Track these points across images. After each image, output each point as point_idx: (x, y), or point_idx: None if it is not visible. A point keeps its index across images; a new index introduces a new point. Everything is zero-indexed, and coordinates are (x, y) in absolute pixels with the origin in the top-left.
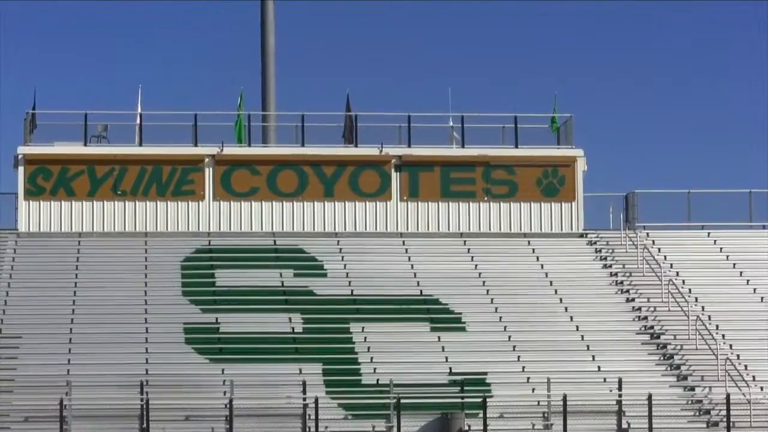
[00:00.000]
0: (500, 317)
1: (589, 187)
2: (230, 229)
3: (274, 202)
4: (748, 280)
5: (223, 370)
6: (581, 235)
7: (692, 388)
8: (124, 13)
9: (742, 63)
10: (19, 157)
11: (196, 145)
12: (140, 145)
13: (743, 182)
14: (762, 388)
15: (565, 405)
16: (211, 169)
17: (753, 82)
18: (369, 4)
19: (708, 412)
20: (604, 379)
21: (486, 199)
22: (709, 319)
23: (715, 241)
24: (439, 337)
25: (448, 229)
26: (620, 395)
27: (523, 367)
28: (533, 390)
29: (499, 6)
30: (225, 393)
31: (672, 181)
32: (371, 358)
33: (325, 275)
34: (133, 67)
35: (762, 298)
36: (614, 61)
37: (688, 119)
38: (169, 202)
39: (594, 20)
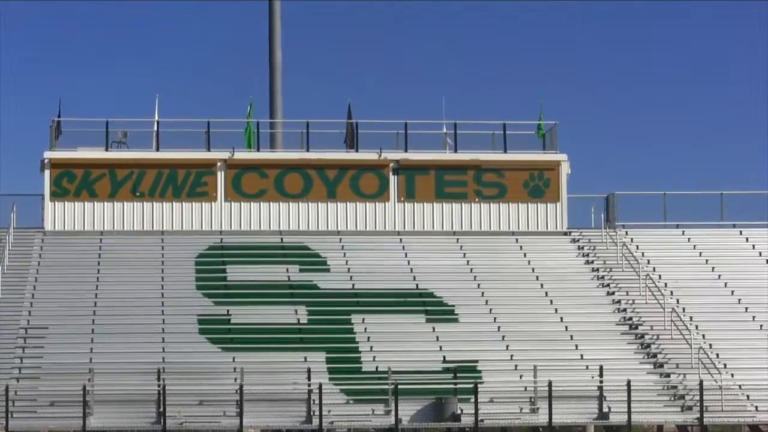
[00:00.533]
0: (490, 309)
1: (573, 188)
2: (240, 227)
3: (281, 203)
4: (719, 275)
5: (234, 358)
6: (565, 234)
7: (668, 375)
8: (141, 28)
9: (714, 73)
10: (45, 161)
11: (209, 150)
12: (157, 150)
13: (715, 184)
14: (732, 375)
15: (550, 390)
16: (222, 172)
17: (724, 92)
18: (369, 20)
19: (682, 397)
20: (587, 366)
21: (477, 200)
22: (684, 311)
23: (689, 239)
24: (433, 328)
25: (442, 228)
26: (601, 382)
27: (512, 356)
28: (521, 377)
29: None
30: (236, 379)
31: (649, 184)
32: (371, 347)
33: (328, 270)
34: (150, 78)
35: (732, 291)
36: (597, 71)
37: (666, 126)
38: (183, 203)
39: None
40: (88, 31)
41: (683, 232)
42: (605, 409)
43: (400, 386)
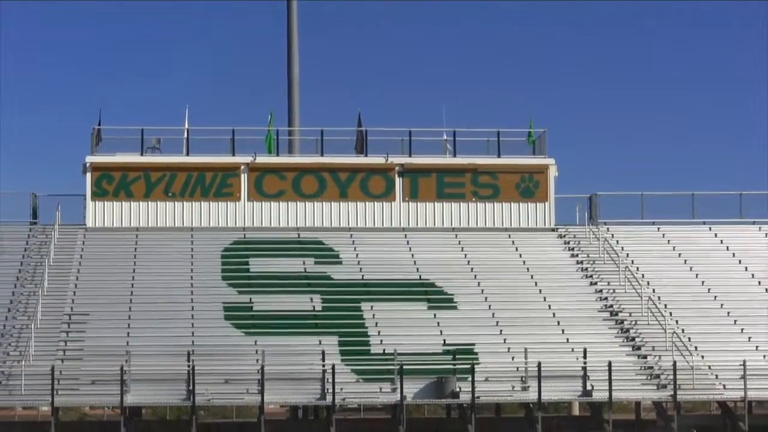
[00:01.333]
0: (485, 297)
1: (559, 189)
2: (262, 224)
3: (298, 202)
4: (691, 267)
5: (255, 341)
6: (553, 230)
7: (645, 357)
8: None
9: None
10: (87, 165)
11: (233, 155)
12: (187, 155)
13: (688, 185)
14: (703, 357)
15: (539, 371)
16: (245, 175)
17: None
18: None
19: (658, 376)
20: (572, 349)
21: (474, 200)
22: (659, 299)
23: (664, 234)
24: (434, 314)
25: (443, 225)
26: (585, 363)
27: (505, 339)
28: (513, 358)
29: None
30: (257, 360)
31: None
32: (378, 332)
33: (340, 263)
34: (180, 90)
35: (703, 282)
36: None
37: (644, 132)
38: (210, 202)
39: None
40: (125, 46)
41: (659, 228)
42: (588, 388)
43: (404, 367)
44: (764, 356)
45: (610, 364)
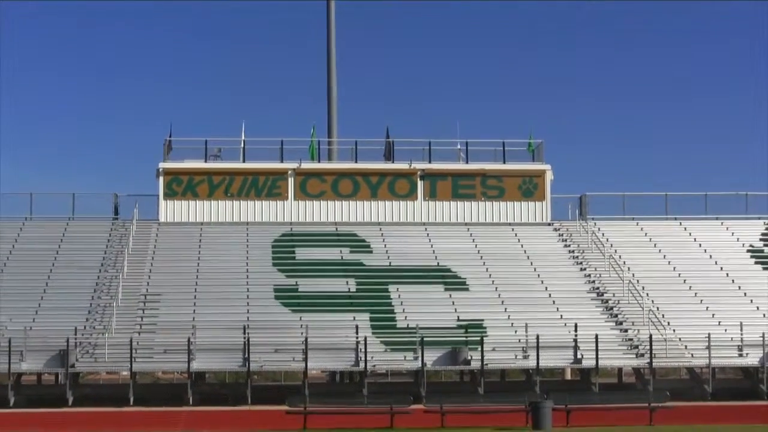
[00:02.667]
0: (493, 281)
1: (555, 190)
2: (306, 220)
3: (336, 201)
4: (664, 255)
5: (300, 317)
6: (549, 225)
7: (625, 330)
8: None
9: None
10: (160, 170)
11: (282, 162)
12: (243, 161)
13: (662, 187)
14: (674, 330)
15: (537, 342)
16: (292, 178)
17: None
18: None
19: (636, 347)
20: (565, 324)
21: (483, 199)
22: (638, 282)
23: (642, 228)
24: (450, 295)
25: (457, 220)
26: (576, 336)
27: (509, 316)
28: (515, 332)
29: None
30: (302, 333)
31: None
32: (403, 309)
33: (371, 252)
34: (238, 105)
35: (674, 267)
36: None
37: (625, 142)
38: (263, 201)
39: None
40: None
41: (638, 223)
42: (579, 356)
43: (424, 339)
44: (725, 330)
45: (596, 337)
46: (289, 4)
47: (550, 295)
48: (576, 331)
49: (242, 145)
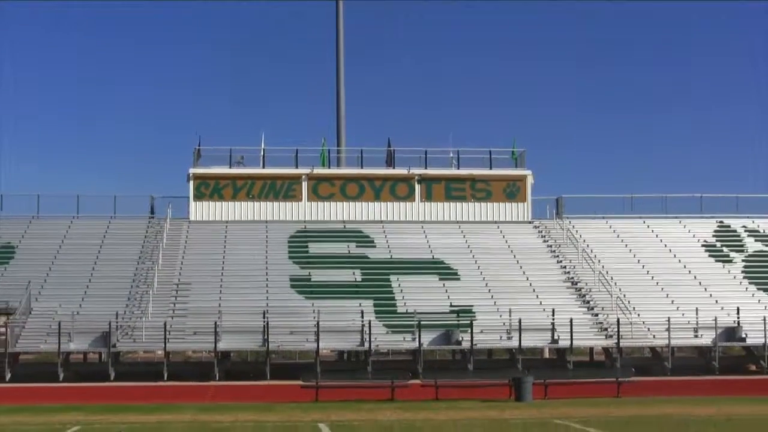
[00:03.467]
0: (481, 272)
1: (535, 192)
2: (317, 218)
3: (344, 202)
4: (630, 249)
5: (312, 303)
6: (530, 223)
7: (596, 315)
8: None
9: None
10: (190, 174)
11: (296, 168)
12: (263, 167)
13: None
14: (639, 315)
15: (520, 325)
16: (305, 182)
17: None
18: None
19: (606, 329)
20: (544, 309)
21: (472, 200)
22: (607, 273)
23: (610, 226)
24: (443, 284)
25: (450, 219)
26: (554, 319)
27: (495, 302)
28: (501, 316)
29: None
30: (314, 317)
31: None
32: (403, 297)
33: (375, 246)
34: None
35: (639, 260)
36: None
37: (596, 150)
38: (280, 202)
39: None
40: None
41: (607, 221)
42: (556, 338)
43: (421, 322)
44: (683, 314)
45: (571, 321)
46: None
47: (530, 284)
48: (553, 315)
49: (262, 153)
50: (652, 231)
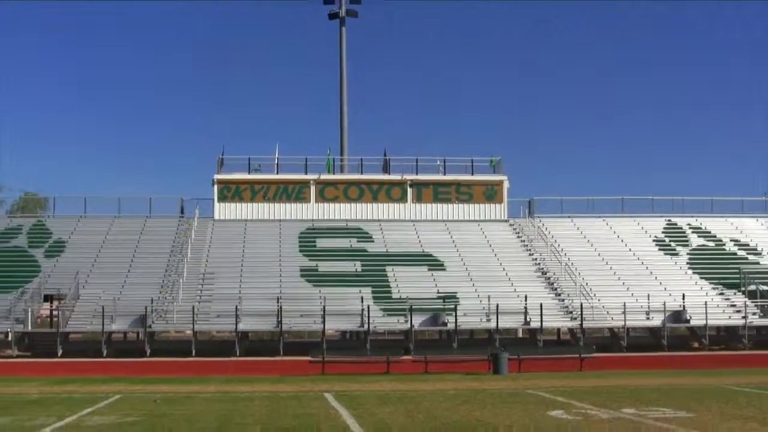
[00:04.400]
0: (464, 263)
1: (511, 195)
2: (324, 217)
3: (346, 203)
4: (592, 244)
5: (320, 290)
6: (506, 221)
7: (563, 300)
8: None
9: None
10: (214, 180)
11: (306, 174)
12: (277, 173)
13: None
14: (599, 300)
15: (497, 309)
16: (314, 186)
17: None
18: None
19: (570, 312)
20: (518, 295)
21: (457, 202)
22: (572, 264)
23: (575, 224)
24: (432, 274)
25: (437, 218)
26: (526, 304)
27: (476, 289)
28: (481, 301)
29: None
30: (320, 302)
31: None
32: (397, 285)
33: (373, 241)
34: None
35: (599, 253)
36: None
37: (562, 159)
38: (292, 204)
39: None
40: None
41: (572, 220)
42: (528, 320)
43: (413, 306)
44: (636, 299)
45: (541, 305)
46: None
47: (506, 274)
48: (525, 300)
49: (276, 162)
50: (611, 228)
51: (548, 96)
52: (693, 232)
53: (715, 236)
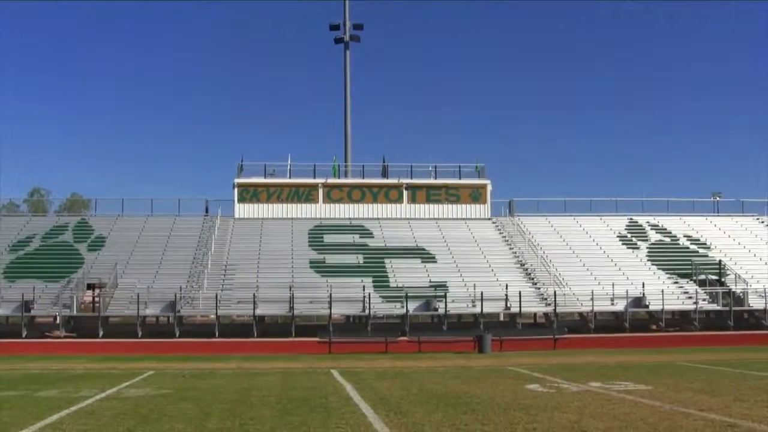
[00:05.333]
0: (452, 256)
1: (493, 196)
2: (330, 216)
3: (350, 204)
4: (564, 239)
5: (327, 280)
6: (489, 219)
7: (539, 288)
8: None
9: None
10: (235, 183)
11: (314, 178)
12: (290, 178)
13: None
14: (570, 288)
15: (482, 296)
16: (321, 189)
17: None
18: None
19: (546, 299)
20: (500, 284)
21: (446, 203)
22: (547, 257)
23: (549, 222)
24: (425, 266)
25: (429, 217)
26: (507, 292)
27: (463, 279)
28: (467, 289)
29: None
30: (327, 290)
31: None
32: (394, 275)
33: (373, 237)
34: (283, 139)
35: (572, 249)
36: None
37: (539, 164)
38: (302, 204)
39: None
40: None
41: (547, 219)
42: (508, 306)
43: (408, 294)
44: (602, 287)
45: (520, 293)
46: (323, 71)
47: (489, 265)
48: (506, 289)
49: (289, 167)
50: (580, 225)
51: (527, 110)
52: (651, 229)
53: (670, 232)
